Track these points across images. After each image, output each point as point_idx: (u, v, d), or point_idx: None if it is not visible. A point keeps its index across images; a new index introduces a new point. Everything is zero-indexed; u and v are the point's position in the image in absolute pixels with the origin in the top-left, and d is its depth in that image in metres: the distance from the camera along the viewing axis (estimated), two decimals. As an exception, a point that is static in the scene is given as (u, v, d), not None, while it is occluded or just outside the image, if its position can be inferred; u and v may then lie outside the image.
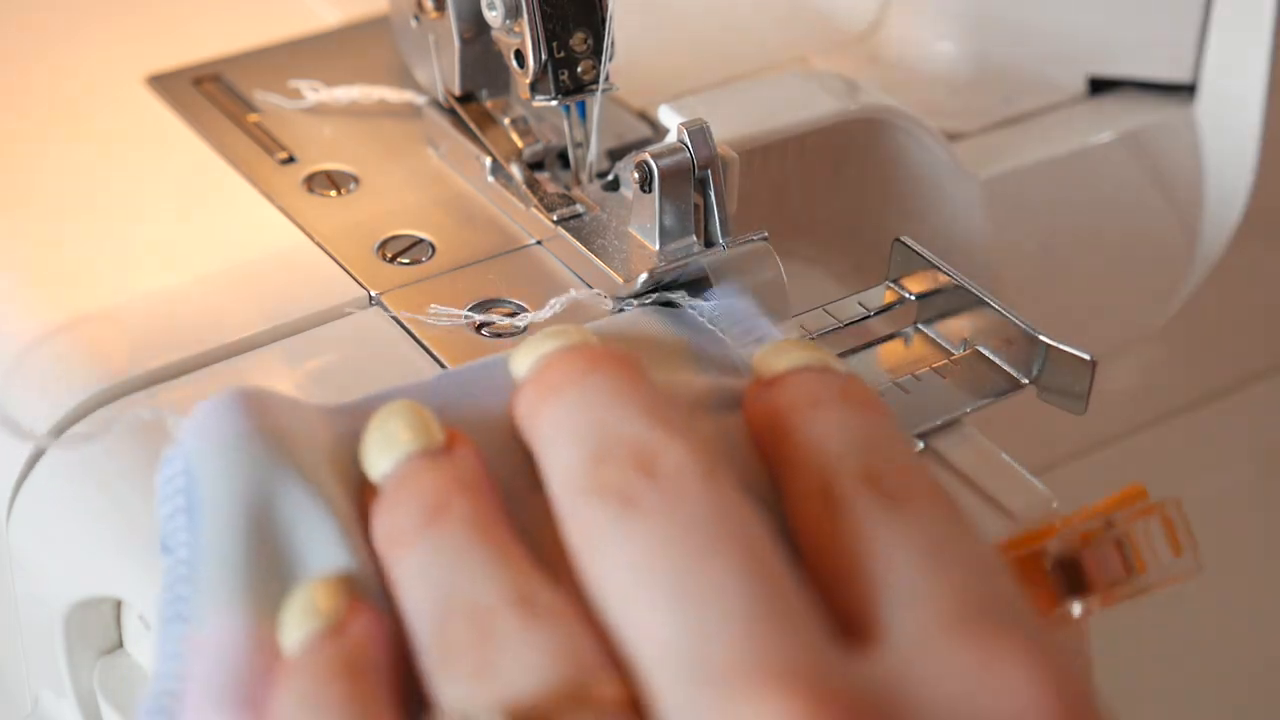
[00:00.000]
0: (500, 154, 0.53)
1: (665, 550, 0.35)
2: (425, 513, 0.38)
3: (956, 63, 0.61)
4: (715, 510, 0.36)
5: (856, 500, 0.37)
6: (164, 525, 0.39)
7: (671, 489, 0.36)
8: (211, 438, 0.39)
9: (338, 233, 0.52)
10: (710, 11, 0.63)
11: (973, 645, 0.34)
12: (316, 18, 0.63)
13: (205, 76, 0.60)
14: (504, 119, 0.54)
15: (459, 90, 0.54)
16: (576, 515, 0.37)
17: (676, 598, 0.34)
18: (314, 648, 0.36)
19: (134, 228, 0.53)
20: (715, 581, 0.34)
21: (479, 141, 0.54)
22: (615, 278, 0.48)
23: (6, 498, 0.46)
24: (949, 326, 0.49)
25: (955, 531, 0.37)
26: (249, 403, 0.40)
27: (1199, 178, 0.59)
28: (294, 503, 0.39)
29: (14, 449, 0.46)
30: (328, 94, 0.58)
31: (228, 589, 0.38)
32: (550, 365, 0.40)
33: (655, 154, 0.47)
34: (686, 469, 0.36)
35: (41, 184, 0.55)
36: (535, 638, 0.35)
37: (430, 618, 0.36)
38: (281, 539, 0.38)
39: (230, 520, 0.38)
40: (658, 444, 0.37)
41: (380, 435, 0.40)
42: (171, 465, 0.40)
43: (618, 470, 0.37)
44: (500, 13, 0.50)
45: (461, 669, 0.35)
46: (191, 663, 0.37)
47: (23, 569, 0.46)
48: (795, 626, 0.34)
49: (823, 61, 0.61)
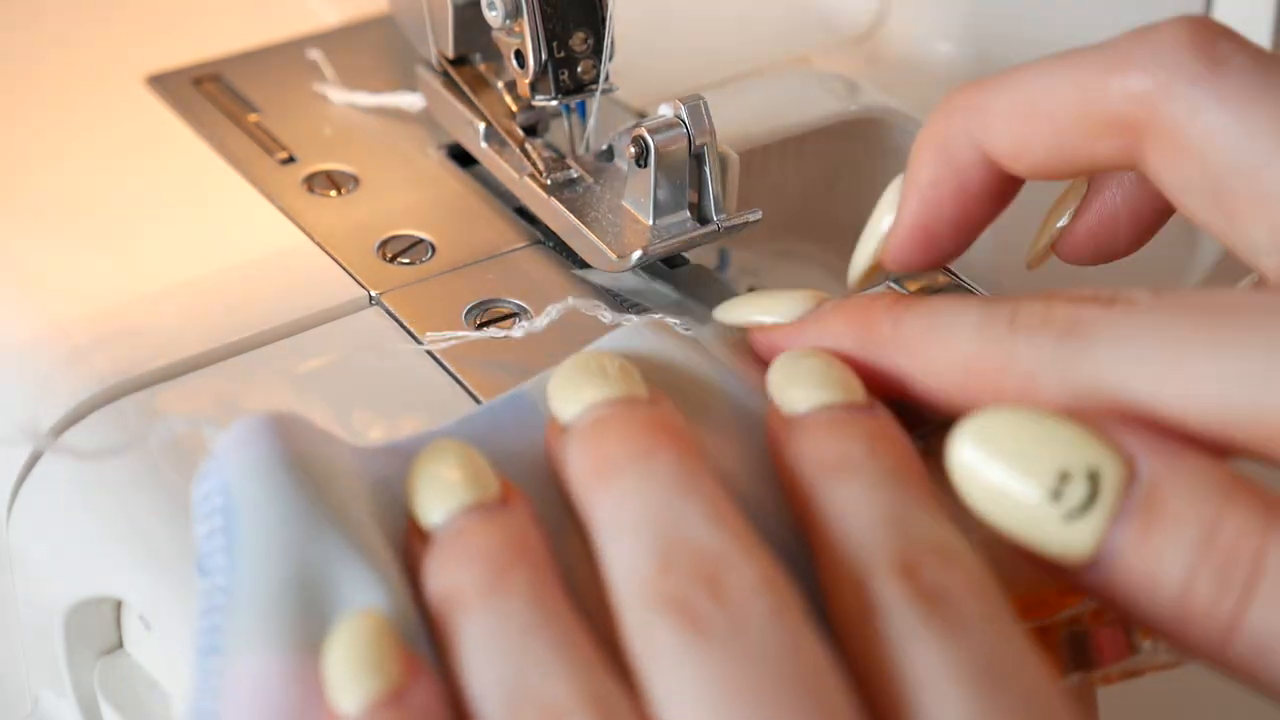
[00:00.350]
0: (493, 117, 0.53)
1: (733, 683, 0.34)
2: (487, 577, 0.36)
3: (956, 63, 0.61)
4: (783, 645, 0.34)
5: (893, 608, 0.35)
6: (202, 545, 0.38)
7: (739, 614, 0.35)
8: (250, 458, 0.38)
9: (338, 233, 0.52)
10: (710, 11, 0.63)
11: None
12: (316, 18, 0.63)
13: (205, 76, 0.60)
14: (498, 82, 0.54)
15: (452, 53, 0.54)
16: (639, 627, 0.35)
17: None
18: (376, 716, 0.35)
19: (134, 227, 0.53)
20: (779, 716, 0.33)
21: (473, 105, 0.53)
22: (609, 253, 0.48)
23: (6, 498, 0.46)
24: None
25: (1001, 648, 0.35)
26: (286, 428, 0.39)
27: (1199, 178, 0.59)
28: (332, 538, 0.37)
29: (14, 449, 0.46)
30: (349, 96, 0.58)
31: (268, 623, 0.37)
32: (606, 431, 0.38)
33: (651, 129, 0.47)
34: (755, 591, 0.35)
35: (41, 183, 0.55)
36: None
37: (499, 704, 0.35)
38: (320, 574, 0.37)
39: (270, 550, 0.37)
40: (726, 558, 0.36)
41: (432, 479, 0.38)
42: (208, 482, 0.38)
43: (684, 583, 0.35)
44: (500, 13, 0.50)
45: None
46: (230, 696, 0.36)
47: (23, 569, 0.46)
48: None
49: (823, 61, 0.61)
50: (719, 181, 0.48)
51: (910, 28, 0.62)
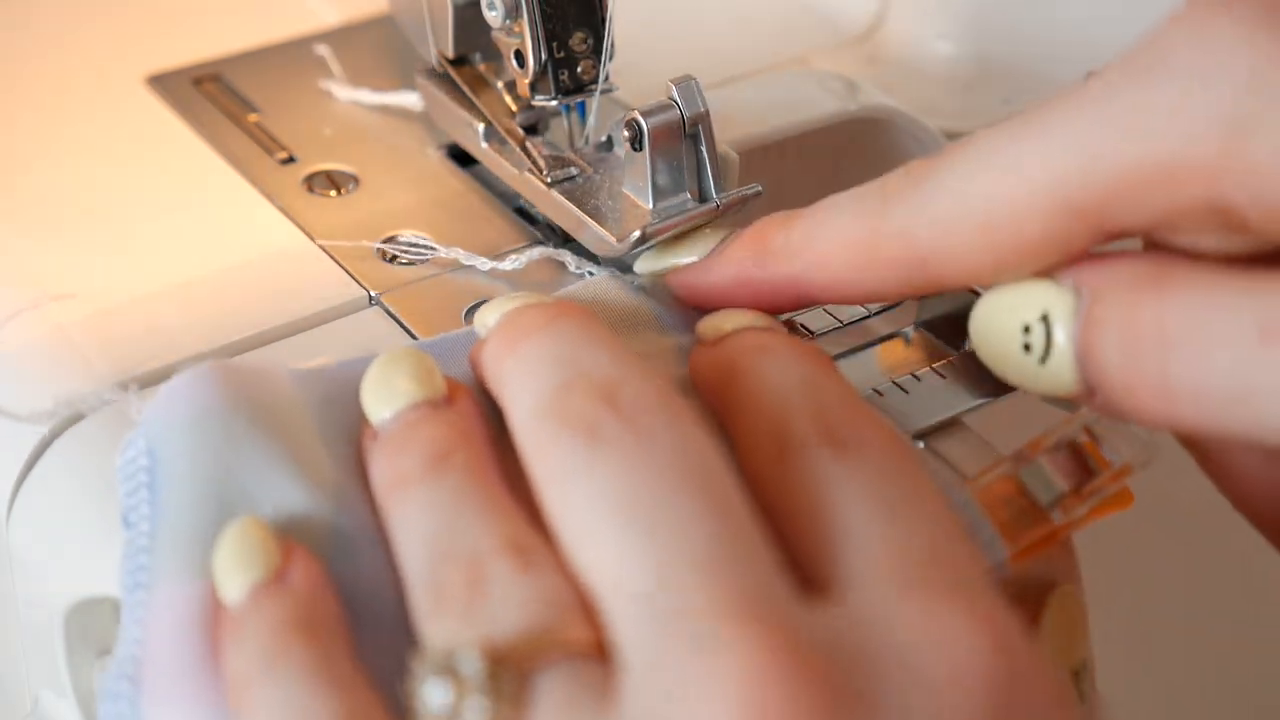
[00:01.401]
0: (493, 117, 0.53)
1: (627, 484, 0.36)
2: (428, 460, 0.39)
3: (956, 63, 0.61)
4: (678, 445, 0.37)
5: (806, 445, 0.38)
6: (125, 501, 0.40)
7: (634, 421, 0.37)
8: (174, 416, 0.41)
9: (338, 233, 0.52)
10: (710, 11, 0.63)
11: (921, 603, 0.35)
12: (316, 18, 0.63)
13: (205, 76, 0.60)
14: (497, 82, 0.54)
15: (452, 53, 0.54)
16: (541, 447, 0.38)
17: (638, 533, 0.35)
18: (260, 600, 0.37)
19: (134, 227, 0.53)
20: (677, 517, 0.35)
21: (472, 105, 0.53)
22: (610, 239, 0.48)
23: (6, 498, 0.46)
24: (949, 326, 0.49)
25: (905, 481, 0.38)
26: (213, 378, 0.41)
27: (1199, 178, 0.59)
28: (259, 471, 0.40)
29: (14, 449, 0.46)
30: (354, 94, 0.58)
31: (185, 553, 0.39)
32: (515, 315, 0.41)
33: (645, 112, 0.47)
34: (649, 401, 0.37)
35: (41, 183, 0.55)
36: (524, 584, 0.36)
37: (425, 559, 0.37)
38: (242, 505, 0.39)
39: (190, 490, 0.39)
40: (621, 377, 0.38)
41: (383, 380, 0.41)
42: (134, 445, 0.41)
43: (582, 401, 0.38)
44: (500, 13, 0.50)
45: (451, 609, 0.36)
46: (150, 626, 0.38)
47: (23, 569, 0.46)
48: (756, 565, 0.35)
49: (823, 61, 0.61)
50: (716, 159, 0.48)
51: (910, 28, 0.62)
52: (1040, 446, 0.43)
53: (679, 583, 0.34)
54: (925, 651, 0.34)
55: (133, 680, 0.38)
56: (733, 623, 0.34)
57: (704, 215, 0.48)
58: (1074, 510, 0.42)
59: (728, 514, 0.36)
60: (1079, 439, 0.43)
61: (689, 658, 0.33)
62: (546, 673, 0.35)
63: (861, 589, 0.35)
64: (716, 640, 0.33)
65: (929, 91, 0.60)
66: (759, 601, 0.34)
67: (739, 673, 0.33)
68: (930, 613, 0.35)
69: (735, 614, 0.34)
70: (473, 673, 0.35)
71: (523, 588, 0.36)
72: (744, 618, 0.34)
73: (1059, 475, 0.43)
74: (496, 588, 0.36)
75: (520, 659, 0.35)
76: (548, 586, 0.36)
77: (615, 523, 0.36)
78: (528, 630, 0.35)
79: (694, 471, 0.36)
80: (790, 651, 0.33)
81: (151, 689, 0.38)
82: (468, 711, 0.34)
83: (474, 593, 0.36)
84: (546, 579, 0.36)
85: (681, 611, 0.34)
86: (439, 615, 0.36)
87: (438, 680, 0.35)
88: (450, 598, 0.36)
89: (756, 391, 0.40)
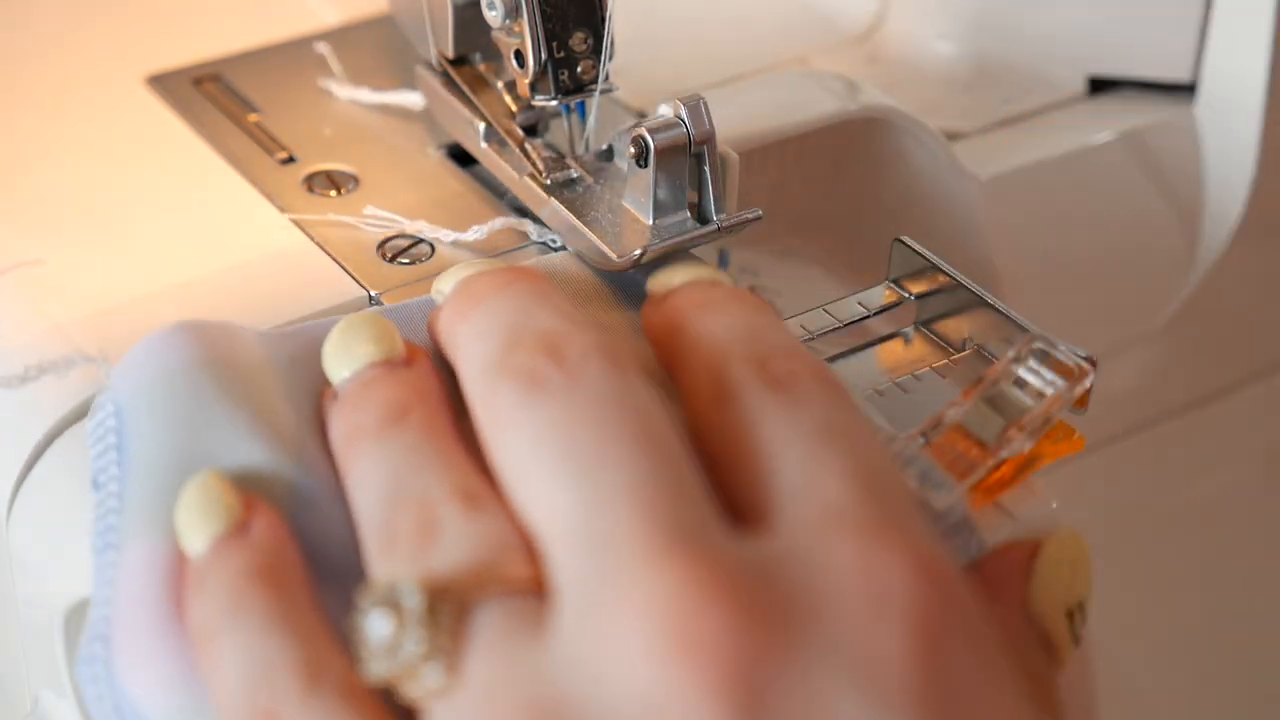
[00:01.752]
0: (493, 117, 0.53)
1: (565, 427, 0.37)
2: (384, 417, 0.40)
3: (956, 63, 0.61)
4: (616, 391, 0.38)
5: (744, 387, 0.39)
6: (94, 463, 0.41)
7: (576, 370, 0.38)
8: (142, 376, 0.41)
9: (338, 233, 0.52)
10: (710, 11, 0.63)
11: (850, 534, 0.36)
12: (316, 18, 0.63)
13: (205, 76, 0.60)
14: (498, 82, 0.54)
15: (452, 53, 0.54)
16: (486, 399, 0.39)
17: (574, 471, 0.36)
18: (222, 552, 0.38)
19: (134, 227, 0.53)
20: (611, 456, 0.36)
21: (472, 105, 0.53)
22: (609, 253, 0.48)
23: (6, 498, 0.46)
24: (949, 326, 0.49)
25: (841, 417, 0.39)
26: (181, 338, 0.42)
27: (1199, 178, 0.59)
28: (223, 429, 0.40)
29: (14, 449, 0.46)
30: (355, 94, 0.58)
31: (152, 512, 0.39)
32: (468, 282, 0.42)
33: (651, 128, 0.47)
34: (590, 352, 0.38)
35: (41, 183, 0.55)
36: (471, 525, 0.37)
37: (378, 506, 0.38)
38: (207, 463, 0.40)
39: (157, 450, 0.40)
40: (565, 331, 0.39)
41: (344, 342, 0.42)
42: (103, 408, 0.41)
43: (527, 354, 0.39)
44: (500, 12, 0.50)
45: (400, 551, 0.37)
46: (120, 586, 0.39)
47: (23, 569, 0.46)
48: (688, 501, 0.36)
49: (823, 61, 0.61)
50: (719, 181, 0.48)
51: (910, 28, 0.62)
52: (974, 391, 0.44)
53: (609, 516, 0.35)
54: (853, 580, 0.35)
55: (105, 641, 0.39)
56: (661, 553, 0.34)
57: (704, 235, 0.48)
58: (1016, 442, 0.43)
59: (661, 454, 0.37)
60: (1010, 380, 0.44)
61: (617, 587, 0.34)
62: (485, 605, 0.36)
63: (793, 520, 0.36)
64: (645, 569, 0.34)
65: (929, 91, 0.60)
66: (688, 533, 0.35)
67: (665, 599, 0.34)
68: (859, 543, 0.35)
69: (663, 544, 0.35)
70: (413, 605, 0.36)
71: (469, 529, 0.37)
72: (672, 548, 0.35)
73: (995, 412, 0.43)
74: (445, 530, 0.37)
75: (460, 592, 0.36)
76: (493, 528, 0.37)
77: (550, 461, 0.37)
78: (470, 567, 0.36)
79: (630, 415, 0.37)
80: (717, 579, 0.34)
81: (122, 648, 0.38)
82: (408, 642, 0.35)
83: (423, 535, 0.37)
84: (493, 522, 0.37)
85: (610, 543, 0.35)
86: (388, 557, 0.38)
87: (380, 612, 0.36)
88: (400, 540, 0.37)
89: (697, 342, 0.41)
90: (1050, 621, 0.40)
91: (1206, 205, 0.60)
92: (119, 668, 0.38)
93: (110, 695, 0.38)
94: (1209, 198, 0.60)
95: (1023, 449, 0.43)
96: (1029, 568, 0.41)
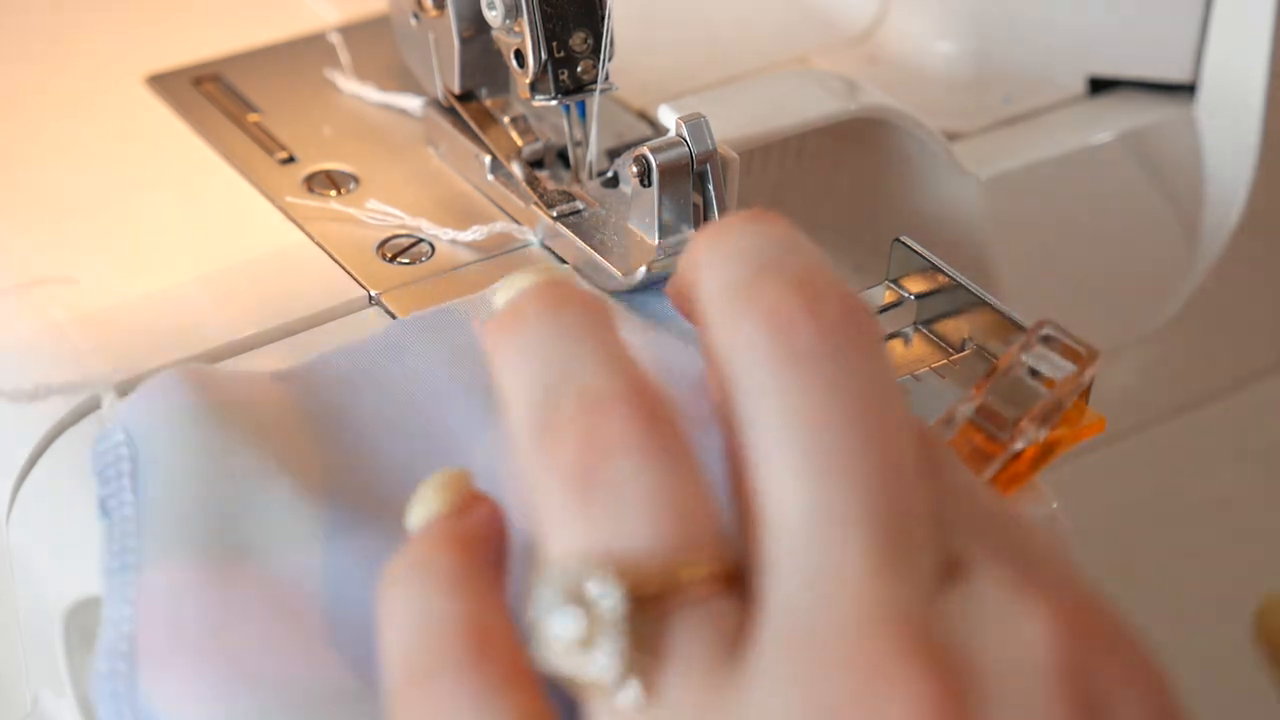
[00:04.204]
0: (500, 152, 0.53)
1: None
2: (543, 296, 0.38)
3: (956, 63, 0.61)
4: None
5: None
6: (102, 489, 0.41)
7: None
8: (154, 410, 0.42)
9: (338, 233, 0.52)
10: (710, 11, 0.63)
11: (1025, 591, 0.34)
12: (316, 18, 0.63)
13: (205, 76, 0.60)
14: (504, 117, 0.54)
15: (458, 89, 0.54)
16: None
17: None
18: (434, 523, 0.37)
19: (133, 228, 0.53)
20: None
21: (479, 140, 0.54)
22: (615, 272, 0.48)
23: (6, 498, 0.46)
24: (949, 326, 0.49)
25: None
26: (193, 379, 0.42)
27: (1199, 178, 0.59)
28: (243, 457, 0.40)
29: (14, 450, 0.46)
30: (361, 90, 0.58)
31: (175, 535, 0.39)
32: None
33: (654, 148, 0.47)
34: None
35: (41, 183, 0.55)
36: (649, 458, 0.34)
37: (537, 396, 0.36)
38: (232, 494, 0.40)
39: (176, 477, 0.40)
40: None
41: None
42: (113, 435, 0.42)
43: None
44: (500, 12, 0.50)
45: (563, 451, 0.34)
46: (142, 605, 0.39)
47: (23, 569, 0.46)
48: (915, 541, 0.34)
49: (823, 61, 0.61)
50: (723, 198, 0.48)
51: (910, 28, 0.62)
52: (985, 384, 0.43)
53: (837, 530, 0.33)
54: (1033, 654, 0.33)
55: (128, 657, 0.39)
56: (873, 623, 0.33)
57: None
58: (1030, 431, 0.43)
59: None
60: (1021, 369, 0.44)
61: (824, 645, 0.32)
62: (683, 615, 0.33)
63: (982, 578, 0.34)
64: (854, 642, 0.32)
65: (929, 91, 0.60)
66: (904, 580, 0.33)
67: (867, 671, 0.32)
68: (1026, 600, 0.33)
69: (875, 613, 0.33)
70: (609, 609, 0.33)
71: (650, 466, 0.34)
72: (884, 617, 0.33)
73: (1007, 404, 0.43)
74: (618, 451, 0.34)
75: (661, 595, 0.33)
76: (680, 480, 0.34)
77: None
78: (661, 543, 0.33)
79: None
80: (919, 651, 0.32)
81: (149, 661, 0.38)
82: (600, 653, 0.33)
83: (590, 439, 0.34)
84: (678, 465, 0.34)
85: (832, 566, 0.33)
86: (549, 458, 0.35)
87: (565, 611, 0.33)
88: (565, 442, 0.35)
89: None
90: None
91: (1206, 205, 0.60)
92: (146, 681, 0.38)
93: (131, 712, 0.38)
94: (1209, 198, 0.60)
95: (1038, 438, 0.43)
96: None
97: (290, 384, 0.43)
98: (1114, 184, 0.59)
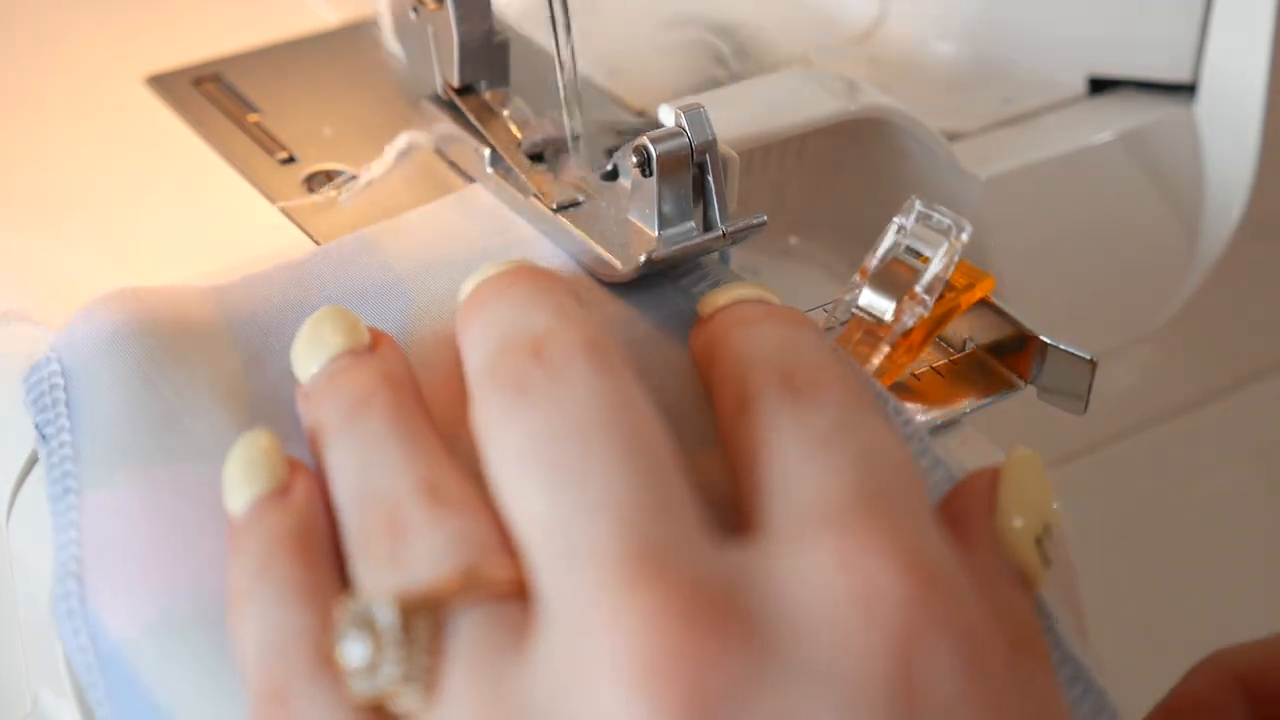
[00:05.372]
0: (499, 145, 0.53)
1: (546, 436, 0.37)
2: (348, 407, 0.40)
3: (956, 63, 0.61)
4: (599, 392, 0.37)
5: (764, 398, 0.38)
6: (38, 417, 0.42)
7: (559, 373, 0.38)
8: (89, 336, 0.43)
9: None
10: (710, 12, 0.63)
11: (834, 537, 0.35)
12: (316, 18, 0.63)
13: (205, 76, 0.60)
14: (503, 111, 0.54)
15: (458, 82, 0.54)
16: (478, 405, 0.39)
17: (553, 484, 0.36)
18: (261, 513, 0.39)
19: (133, 227, 0.53)
20: (592, 466, 0.36)
21: (478, 133, 0.54)
22: (615, 263, 0.48)
23: (6, 498, 0.46)
24: (949, 326, 0.49)
25: (853, 418, 0.38)
26: (125, 301, 0.43)
27: (1199, 178, 0.59)
28: (177, 383, 0.42)
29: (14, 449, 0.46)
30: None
31: (113, 457, 0.41)
32: (477, 287, 0.42)
33: (654, 139, 0.47)
34: (576, 352, 0.38)
35: (41, 183, 0.55)
36: (438, 525, 0.37)
37: (351, 505, 0.38)
38: (162, 415, 0.41)
39: (112, 401, 0.42)
40: (552, 332, 0.39)
41: (309, 337, 0.42)
42: (47, 365, 0.43)
43: (513, 360, 0.38)
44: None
45: (376, 555, 0.37)
46: (85, 526, 0.40)
47: (23, 569, 0.46)
48: (668, 513, 0.36)
49: (823, 61, 0.61)
50: (723, 188, 0.48)
51: (910, 28, 0.62)
52: (865, 272, 0.46)
53: (585, 526, 0.35)
54: (832, 583, 0.34)
55: (77, 577, 0.40)
56: (631, 577, 0.34)
57: (709, 243, 0.48)
58: (916, 307, 0.45)
59: (646, 461, 0.36)
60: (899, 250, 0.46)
61: (590, 608, 0.34)
62: (463, 616, 0.35)
63: (779, 524, 0.36)
64: (614, 594, 0.34)
65: (929, 91, 0.60)
66: (662, 551, 0.35)
67: (631, 625, 0.33)
68: (841, 541, 0.35)
69: (634, 567, 0.34)
70: (388, 624, 0.35)
71: (437, 527, 0.37)
72: (642, 571, 0.34)
73: (890, 288, 0.45)
74: (412, 530, 0.37)
75: (435, 603, 0.35)
76: (464, 526, 0.37)
77: (530, 470, 0.36)
78: (443, 571, 0.36)
79: (614, 418, 0.37)
80: (685, 601, 0.34)
81: (93, 577, 0.40)
82: (385, 663, 0.35)
83: (392, 537, 0.37)
84: (463, 518, 0.37)
85: (586, 562, 0.35)
86: (365, 560, 0.38)
87: (355, 634, 0.35)
88: (374, 544, 0.37)
89: (729, 361, 0.41)
90: (1022, 554, 0.39)
91: (1206, 205, 0.60)
92: (93, 599, 0.40)
93: (85, 627, 0.40)
94: (1209, 198, 0.60)
95: (925, 313, 0.45)
96: (992, 501, 0.39)
97: (222, 300, 0.44)
98: (1114, 184, 0.59)
